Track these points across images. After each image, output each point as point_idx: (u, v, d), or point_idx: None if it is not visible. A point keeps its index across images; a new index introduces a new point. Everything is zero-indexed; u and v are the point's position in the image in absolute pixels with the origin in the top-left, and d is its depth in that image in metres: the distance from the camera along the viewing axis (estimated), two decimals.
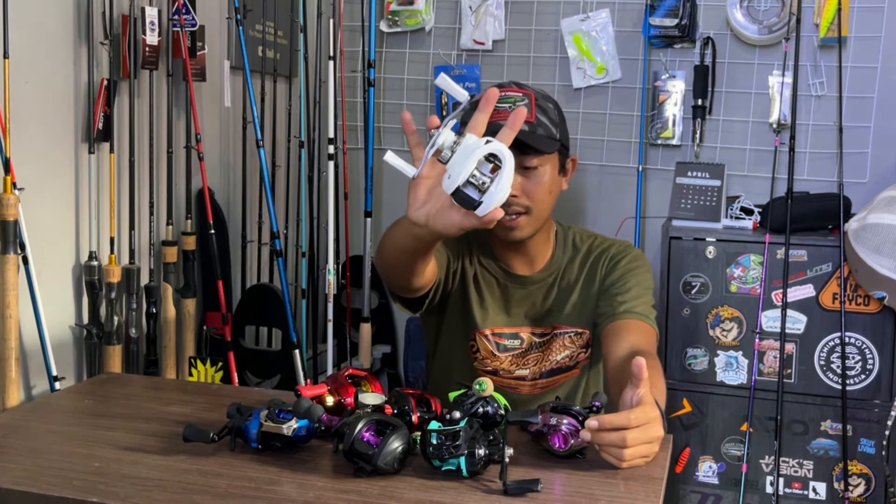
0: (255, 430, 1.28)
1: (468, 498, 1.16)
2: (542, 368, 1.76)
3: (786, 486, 2.41)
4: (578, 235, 1.80)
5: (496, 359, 1.75)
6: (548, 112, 1.62)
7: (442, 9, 2.88)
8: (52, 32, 1.83)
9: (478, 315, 1.73)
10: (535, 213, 1.63)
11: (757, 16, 2.60)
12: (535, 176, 1.60)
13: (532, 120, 1.57)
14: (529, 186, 1.60)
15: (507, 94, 1.61)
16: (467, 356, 1.76)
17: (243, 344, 2.41)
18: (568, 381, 1.79)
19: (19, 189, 1.69)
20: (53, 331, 1.81)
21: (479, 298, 1.74)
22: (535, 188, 1.61)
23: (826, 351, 2.35)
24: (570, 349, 1.75)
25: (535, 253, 1.74)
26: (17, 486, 1.19)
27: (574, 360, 1.76)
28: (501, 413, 1.32)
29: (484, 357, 1.75)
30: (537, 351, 1.75)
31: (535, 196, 1.61)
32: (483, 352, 1.75)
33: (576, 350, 1.75)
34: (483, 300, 1.74)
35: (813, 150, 2.60)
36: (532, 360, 1.76)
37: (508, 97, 1.60)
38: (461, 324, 1.76)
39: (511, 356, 1.75)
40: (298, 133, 2.65)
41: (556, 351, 1.75)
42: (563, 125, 1.66)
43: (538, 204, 1.62)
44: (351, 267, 2.77)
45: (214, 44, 2.40)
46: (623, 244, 1.77)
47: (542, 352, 1.76)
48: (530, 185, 1.60)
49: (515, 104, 1.59)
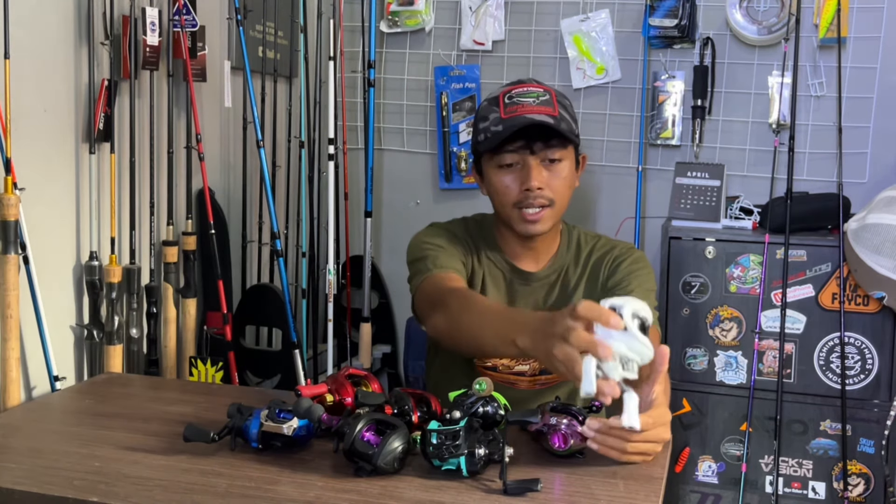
0: (256, 430, 1.28)
1: (468, 498, 1.16)
2: (542, 365, 1.76)
3: (785, 485, 2.41)
4: (583, 235, 1.80)
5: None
6: (567, 108, 1.66)
7: (442, 9, 2.88)
8: (53, 33, 1.83)
9: None
10: (556, 207, 1.65)
11: (756, 16, 2.60)
12: (558, 169, 1.63)
13: (556, 114, 1.60)
14: (553, 180, 1.63)
15: (530, 90, 1.64)
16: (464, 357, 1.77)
17: (244, 344, 2.41)
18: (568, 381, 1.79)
19: (20, 189, 1.69)
20: (54, 331, 1.81)
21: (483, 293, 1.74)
22: (558, 181, 1.63)
23: (825, 351, 2.35)
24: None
25: (542, 249, 1.74)
26: (17, 486, 1.19)
27: None
28: (501, 413, 1.32)
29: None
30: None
31: (558, 189, 1.63)
32: None
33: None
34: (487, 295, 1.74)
35: (812, 150, 2.61)
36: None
37: (531, 91, 1.63)
38: None
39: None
40: (299, 133, 2.65)
41: None
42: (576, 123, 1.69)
43: (560, 198, 1.65)
44: (351, 267, 2.78)
45: (215, 44, 2.40)
46: (626, 246, 1.77)
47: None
48: (554, 179, 1.63)
49: (539, 98, 1.61)
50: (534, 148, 1.61)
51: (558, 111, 1.61)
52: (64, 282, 1.89)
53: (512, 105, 1.61)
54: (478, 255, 1.76)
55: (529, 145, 1.61)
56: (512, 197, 1.64)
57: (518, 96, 1.62)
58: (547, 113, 1.59)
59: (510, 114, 1.60)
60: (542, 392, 1.76)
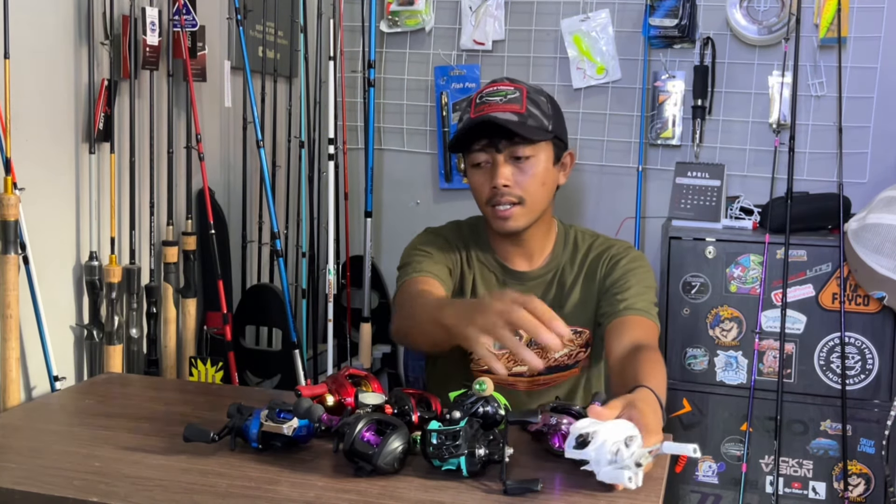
0: (256, 430, 1.28)
1: (468, 498, 1.16)
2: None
3: (785, 485, 2.41)
4: (580, 234, 1.80)
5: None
6: (539, 105, 1.64)
7: (442, 9, 2.88)
8: (53, 32, 1.83)
9: None
10: (528, 204, 1.64)
11: (756, 16, 2.60)
12: (528, 167, 1.63)
13: (522, 111, 1.60)
14: (521, 177, 1.63)
15: (499, 88, 1.64)
16: (462, 355, 1.77)
17: (243, 344, 2.41)
18: (568, 380, 1.79)
19: (20, 189, 1.69)
20: (54, 331, 1.81)
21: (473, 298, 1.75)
22: (527, 179, 1.63)
23: (826, 351, 2.35)
24: (568, 347, 1.75)
25: (533, 248, 1.75)
26: (17, 486, 1.19)
27: (574, 359, 1.76)
28: (501, 413, 1.32)
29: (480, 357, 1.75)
30: (535, 347, 1.76)
31: (528, 187, 1.63)
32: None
33: (575, 349, 1.75)
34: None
35: (812, 150, 2.61)
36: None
37: (500, 91, 1.63)
38: None
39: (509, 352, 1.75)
40: (299, 133, 2.65)
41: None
42: (559, 119, 1.68)
43: (531, 195, 1.64)
44: (351, 267, 2.78)
45: (215, 44, 2.40)
46: (623, 245, 1.77)
47: (541, 348, 1.76)
48: (522, 176, 1.63)
49: (507, 97, 1.61)
50: (499, 146, 1.62)
51: (526, 108, 1.61)
52: (64, 282, 1.89)
53: (481, 104, 1.63)
54: (468, 258, 1.77)
55: (495, 143, 1.62)
56: (484, 195, 1.66)
57: (487, 96, 1.64)
58: (513, 111, 1.60)
59: (478, 113, 1.62)
60: (541, 392, 1.77)
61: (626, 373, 1.43)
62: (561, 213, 2.76)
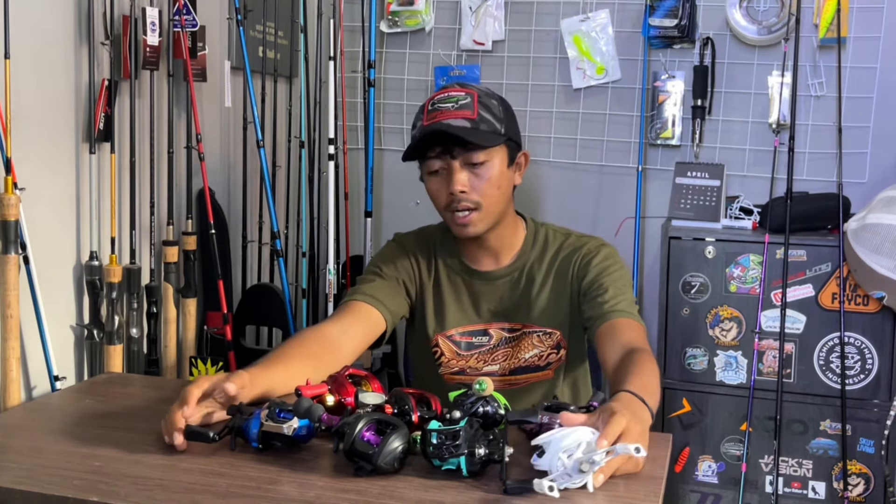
0: (256, 430, 1.28)
1: (468, 498, 1.16)
2: (512, 365, 1.76)
3: (785, 485, 2.41)
4: (552, 232, 1.80)
5: (461, 358, 1.77)
6: (491, 108, 1.64)
7: (442, 9, 2.88)
8: (53, 32, 1.83)
9: (433, 320, 1.77)
10: (485, 209, 1.65)
11: (756, 16, 2.60)
12: (483, 171, 1.63)
13: (474, 117, 1.60)
14: (477, 182, 1.63)
15: (450, 95, 1.63)
16: (432, 362, 1.78)
17: (244, 344, 2.41)
18: (540, 383, 1.79)
19: (20, 189, 1.69)
20: (54, 330, 1.81)
21: (436, 304, 1.77)
22: (482, 184, 1.63)
23: (825, 351, 2.35)
24: (538, 348, 1.75)
25: (498, 248, 1.75)
26: (17, 486, 1.19)
27: (544, 361, 1.76)
28: (501, 413, 1.32)
29: (449, 359, 1.77)
30: (506, 347, 1.76)
31: (484, 191, 1.64)
32: (447, 354, 1.77)
33: (545, 350, 1.75)
34: (444, 303, 1.76)
35: (812, 150, 2.61)
36: (501, 356, 1.76)
37: (451, 97, 1.63)
38: (422, 331, 1.79)
39: (479, 353, 1.76)
40: (299, 133, 2.65)
41: (525, 349, 1.76)
42: (511, 121, 1.68)
43: (487, 199, 1.64)
44: (351, 267, 2.78)
45: (215, 44, 2.40)
46: (595, 242, 1.76)
47: (511, 348, 1.76)
48: (478, 181, 1.63)
49: (458, 103, 1.61)
50: (454, 153, 1.62)
51: (478, 113, 1.61)
52: (64, 282, 1.89)
53: (433, 112, 1.62)
54: (433, 263, 1.78)
55: (449, 150, 1.62)
56: (442, 201, 1.66)
57: (439, 102, 1.63)
58: (464, 117, 1.60)
59: (430, 121, 1.62)
60: (514, 392, 1.76)
61: (617, 379, 1.44)
62: (560, 213, 2.77)
